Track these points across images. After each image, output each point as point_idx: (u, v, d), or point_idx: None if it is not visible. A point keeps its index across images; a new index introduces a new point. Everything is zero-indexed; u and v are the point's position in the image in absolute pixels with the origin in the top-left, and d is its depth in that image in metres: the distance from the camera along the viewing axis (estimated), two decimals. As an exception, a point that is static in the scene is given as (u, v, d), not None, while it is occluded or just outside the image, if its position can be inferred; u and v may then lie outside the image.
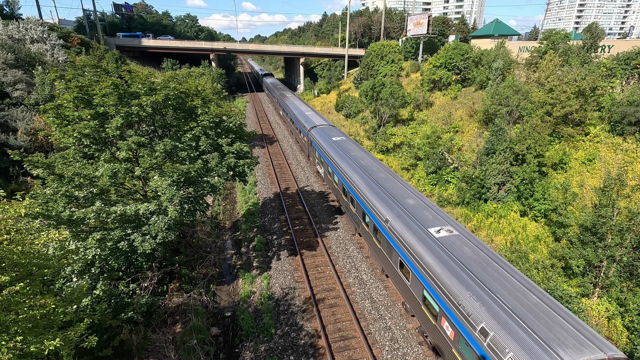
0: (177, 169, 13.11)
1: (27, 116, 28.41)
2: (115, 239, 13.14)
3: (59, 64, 41.46)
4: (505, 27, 53.86)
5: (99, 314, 12.78)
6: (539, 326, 9.29)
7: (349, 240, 21.52)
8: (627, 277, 16.23)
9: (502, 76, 35.48)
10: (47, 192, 12.29)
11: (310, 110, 39.87)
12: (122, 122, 13.25)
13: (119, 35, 68.91)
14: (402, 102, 36.55)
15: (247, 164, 16.96)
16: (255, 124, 51.53)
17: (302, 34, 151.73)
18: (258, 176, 32.09)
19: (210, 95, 19.47)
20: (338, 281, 17.76)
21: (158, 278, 16.17)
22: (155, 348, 13.86)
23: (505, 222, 22.44)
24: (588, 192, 21.86)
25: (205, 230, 23.31)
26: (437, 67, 42.61)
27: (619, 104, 24.66)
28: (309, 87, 74.60)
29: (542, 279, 17.09)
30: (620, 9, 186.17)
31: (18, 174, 23.64)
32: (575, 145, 25.36)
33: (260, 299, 16.66)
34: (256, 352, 13.95)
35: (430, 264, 12.58)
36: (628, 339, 14.57)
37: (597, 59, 30.92)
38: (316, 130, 30.77)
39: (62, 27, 58.07)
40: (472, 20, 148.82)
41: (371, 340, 14.42)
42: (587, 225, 17.00)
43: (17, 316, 7.26)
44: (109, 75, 14.88)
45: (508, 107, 27.83)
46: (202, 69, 60.60)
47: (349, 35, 73.41)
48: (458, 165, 27.45)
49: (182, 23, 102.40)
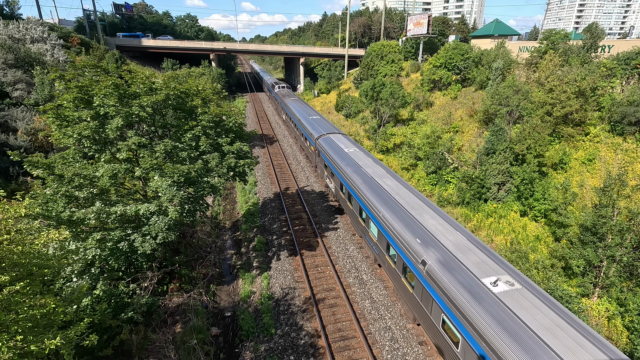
0: (177, 169, 13.11)
1: (27, 116, 28.42)
2: (116, 240, 13.14)
3: (59, 64, 41.47)
4: (505, 27, 53.89)
5: (99, 314, 12.78)
6: None
7: (349, 240, 21.52)
8: (627, 277, 16.23)
9: (502, 76, 35.47)
10: (47, 193, 12.29)
11: (316, 115, 37.92)
12: (122, 123, 13.24)
13: (119, 35, 68.92)
14: (402, 102, 36.55)
15: (247, 163, 16.95)
16: (255, 124, 51.53)
17: (302, 34, 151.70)
18: (258, 176, 32.09)
19: (210, 95, 19.45)
20: (338, 281, 17.76)
21: (158, 278, 16.17)
22: (155, 348, 13.86)
23: (505, 222, 22.44)
24: (588, 192, 21.85)
25: (205, 230, 23.31)
26: (437, 67, 42.60)
27: (619, 104, 24.66)
28: (309, 87, 74.59)
29: (542, 279, 17.09)
30: (620, 9, 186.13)
31: (18, 174, 23.65)
32: (575, 145, 25.35)
33: (260, 299, 16.66)
34: (256, 352, 13.95)
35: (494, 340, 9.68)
36: (628, 339, 14.57)
37: (597, 59, 30.91)
38: (324, 139, 28.30)
39: (62, 27, 58.08)
40: (472, 20, 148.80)
41: (371, 340, 14.42)
42: (587, 225, 17.00)
43: (17, 316, 7.27)
44: (109, 76, 14.86)
45: (508, 107, 27.83)
46: (202, 69, 60.58)
47: (349, 35, 73.39)
48: (458, 165, 27.45)
49: (182, 23, 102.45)
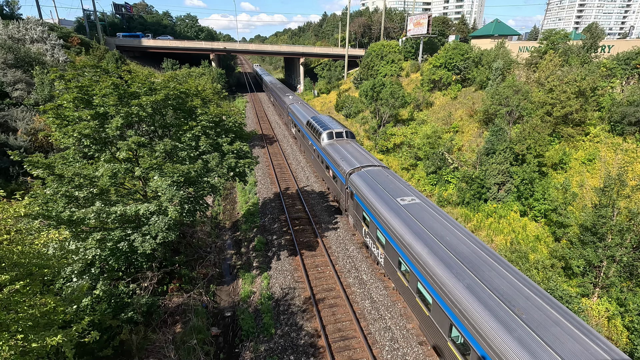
0: (177, 169, 13.10)
1: (27, 116, 28.41)
2: (116, 239, 13.14)
3: (59, 64, 41.46)
4: (505, 27, 53.90)
5: (98, 313, 12.79)
6: None
7: (349, 240, 21.51)
8: (627, 277, 16.24)
9: (502, 76, 35.48)
10: (47, 192, 12.29)
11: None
12: (122, 122, 13.24)
13: (119, 35, 68.93)
14: (402, 102, 36.55)
15: (247, 163, 16.93)
16: (255, 124, 51.53)
17: (302, 34, 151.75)
18: (258, 176, 32.09)
19: (210, 95, 19.44)
20: (338, 281, 17.76)
21: (158, 278, 16.17)
22: (155, 348, 13.86)
23: (505, 222, 22.44)
24: (588, 192, 21.85)
25: (205, 230, 23.31)
26: (437, 67, 42.61)
27: (619, 104, 24.66)
28: (309, 87, 74.61)
29: (542, 279, 17.09)
30: (620, 9, 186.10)
31: (18, 174, 23.64)
32: (575, 145, 25.35)
33: (260, 299, 16.65)
34: (256, 352, 13.94)
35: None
36: (628, 339, 14.57)
37: (597, 59, 30.92)
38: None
39: (62, 27, 58.10)
40: (472, 20, 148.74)
41: (371, 340, 14.42)
42: (587, 225, 17.00)
43: (17, 315, 7.27)
44: (108, 76, 14.87)
45: (508, 107, 27.83)
46: (202, 69, 60.60)
47: (349, 35, 73.40)
48: (458, 165, 27.45)
49: (182, 23, 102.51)
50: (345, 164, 22.26)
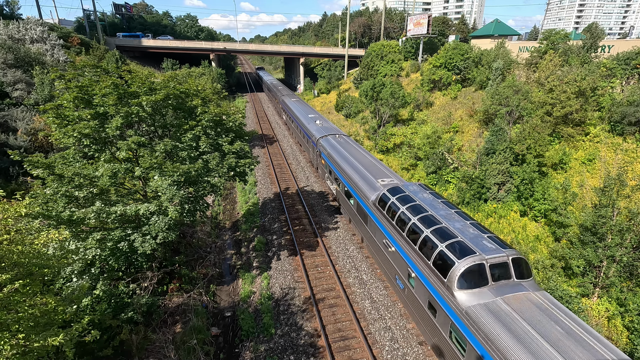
0: (177, 169, 13.10)
1: (27, 116, 28.41)
2: (116, 239, 13.13)
3: (59, 64, 41.47)
4: (505, 27, 53.90)
5: (98, 313, 12.78)
6: None
7: (349, 240, 21.51)
8: (627, 277, 16.24)
9: (502, 76, 35.49)
10: (47, 192, 12.28)
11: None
12: (122, 122, 13.24)
13: (119, 35, 68.90)
14: (402, 102, 36.55)
15: (247, 163, 16.93)
16: (255, 124, 51.53)
17: (302, 34, 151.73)
18: (258, 176, 32.09)
19: (210, 95, 19.43)
20: (338, 281, 17.76)
21: (158, 278, 16.17)
22: (155, 348, 13.86)
23: (505, 222, 22.44)
24: (588, 192, 21.86)
25: (205, 230, 23.31)
26: (437, 67, 42.61)
27: (619, 104, 24.66)
28: (309, 87, 74.60)
29: (542, 278, 17.10)
30: (620, 9, 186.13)
31: (18, 174, 23.64)
32: (575, 145, 25.36)
33: (260, 299, 16.66)
34: (256, 352, 13.94)
35: None
36: (628, 339, 14.57)
37: (597, 59, 30.92)
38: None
39: (62, 27, 58.10)
40: (472, 20, 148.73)
41: (371, 340, 14.42)
42: (587, 225, 17.00)
43: (17, 315, 7.27)
44: (109, 75, 14.86)
45: (508, 107, 27.83)
46: (202, 69, 60.59)
47: (349, 35, 73.40)
48: (458, 165, 27.46)
49: (182, 23, 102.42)
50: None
